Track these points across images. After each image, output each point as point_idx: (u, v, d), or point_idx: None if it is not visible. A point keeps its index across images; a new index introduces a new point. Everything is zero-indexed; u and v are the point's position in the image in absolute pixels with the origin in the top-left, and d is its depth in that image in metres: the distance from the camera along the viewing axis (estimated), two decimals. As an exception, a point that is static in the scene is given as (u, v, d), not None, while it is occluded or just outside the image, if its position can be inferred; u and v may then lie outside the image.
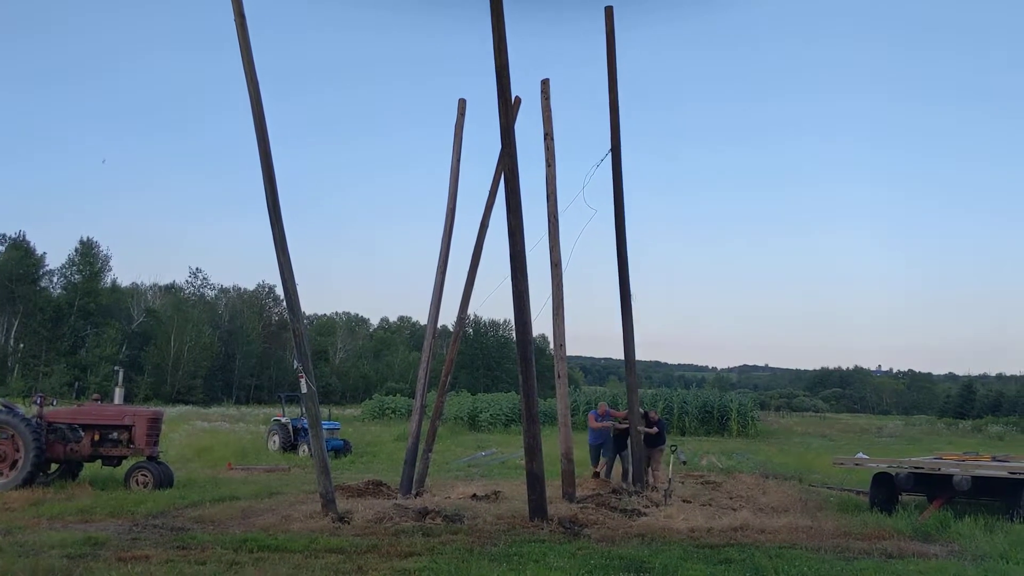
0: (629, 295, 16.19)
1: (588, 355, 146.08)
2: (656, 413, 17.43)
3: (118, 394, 17.94)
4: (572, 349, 17.58)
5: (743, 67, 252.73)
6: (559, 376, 15.00)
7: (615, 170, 16.07)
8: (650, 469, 16.59)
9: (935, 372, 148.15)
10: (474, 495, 14.66)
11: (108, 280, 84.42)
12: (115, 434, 16.43)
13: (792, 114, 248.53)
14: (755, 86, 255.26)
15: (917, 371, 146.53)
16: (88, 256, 79.84)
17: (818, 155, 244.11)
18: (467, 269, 16.66)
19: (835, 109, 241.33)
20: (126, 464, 16.63)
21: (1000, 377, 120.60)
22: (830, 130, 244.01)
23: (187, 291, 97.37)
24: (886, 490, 14.27)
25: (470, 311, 17.74)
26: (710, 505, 14.51)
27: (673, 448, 17.92)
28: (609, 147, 16.18)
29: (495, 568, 8.43)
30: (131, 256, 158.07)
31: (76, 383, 62.67)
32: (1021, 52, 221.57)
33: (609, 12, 15.91)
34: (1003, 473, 13.23)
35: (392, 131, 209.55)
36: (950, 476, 13.28)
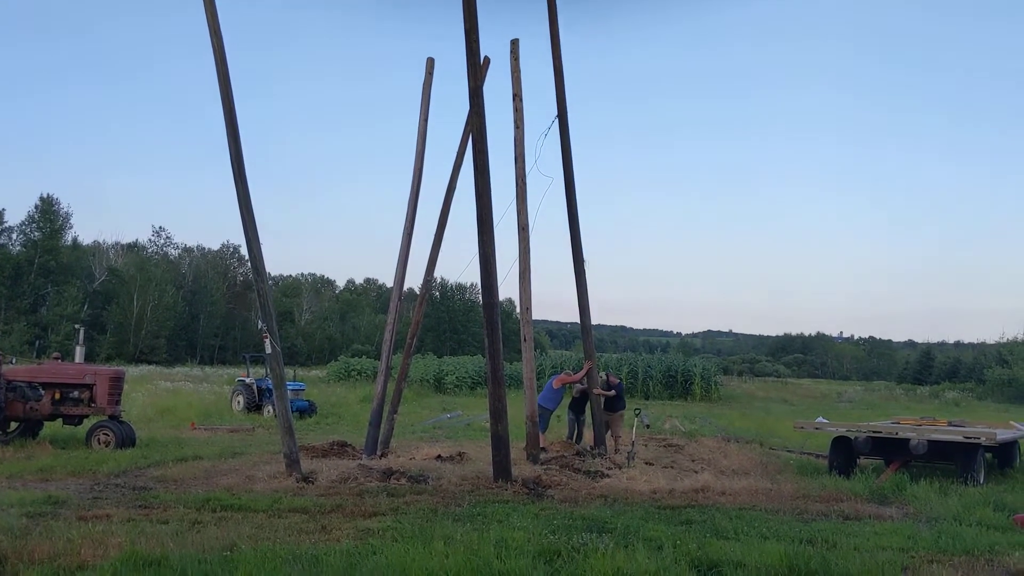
0: (582, 260, 16.19)
1: (555, 319, 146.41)
2: (616, 377, 17.37)
3: (79, 353, 17.75)
4: (539, 313, 17.59)
5: (717, 26, 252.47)
6: (525, 340, 15.02)
7: (563, 137, 15.97)
8: (610, 433, 16.63)
9: (895, 339, 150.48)
10: (439, 456, 14.72)
11: (69, 238, 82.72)
12: (76, 393, 16.28)
13: (761, 105, 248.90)
14: (732, 82, 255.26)
15: (877, 338, 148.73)
16: (48, 213, 78.22)
17: (787, 120, 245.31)
18: (434, 231, 16.59)
19: (802, 102, 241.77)
20: (87, 423, 16.50)
21: (958, 344, 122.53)
22: (798, 123, 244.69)
23: (150, 250, 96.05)
24: (845, 454, 14.53)
25: (437, 274, 17.70)
26: (672, 467, 14.69)
27: (637, 412, 18.09)
28: (556, 114, 16.05)
29: (459, 528, 8.47)
30: (93, 214, 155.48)
31: (37, 342, 61.90)
32: (988, 24, 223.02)
33: None
34: (958, 438, 13.52)
35: (360, 88, 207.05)
36: (907, 440, 13.55)
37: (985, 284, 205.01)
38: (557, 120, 15.95)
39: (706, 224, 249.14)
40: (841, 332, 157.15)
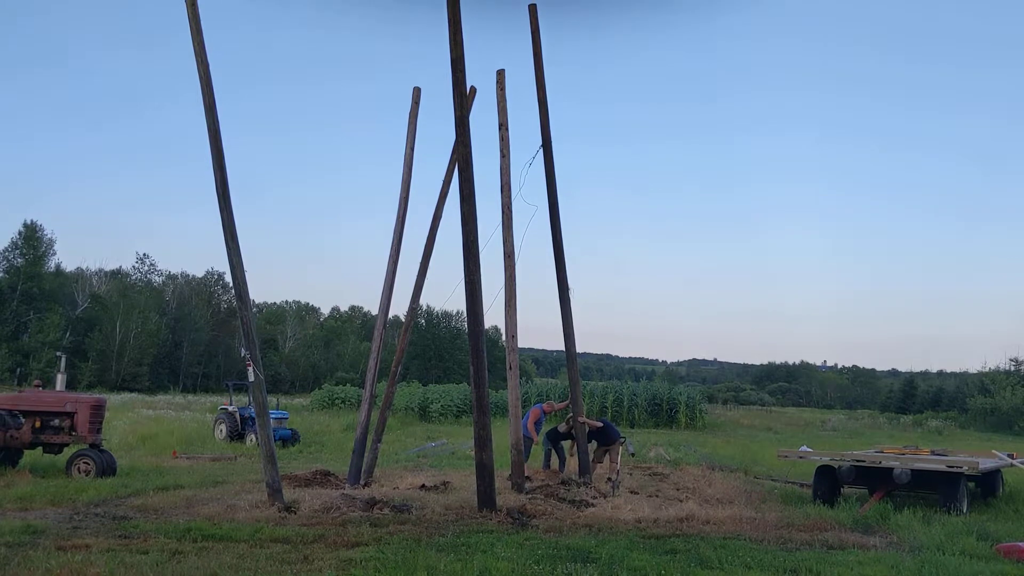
0: (567, 288, 16.24)
1: (541, 347, 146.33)
2: (595, 420, 17.28)
3: (60, 380, 17.60)
4: (525, 341, 17.55)
5: (697, 65, 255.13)
6: (511, 368, 15.01)
7: (547, 165, 16.08)
8: (608, 458, 16.70)
9: (878, 368, 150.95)
10: (423, 485, 14.65)
11: (52, 264, 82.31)
12: (57, 421, 16.15)
13: (742, 111, 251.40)
14: (707, 84, 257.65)
15: (861, 367, 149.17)
16: (32, 240, 77.81)
17: (768, 151, 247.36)
18: (419, 259, 16.61)
19: (784, 106, 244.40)
20: (68, 452, 16.35)
21: (940, 374, 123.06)
22: (780, 127, 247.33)
23: (134, 277, 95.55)
24: (828, 483, 14.53)
25: (422, 301, 17.69)
26: (657, 496, 14.66)
27: (622, 440, 18.07)
28: (540, 144, 16.16)
29: (442, 558, 8.42)
30: (77, 241, 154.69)
31: (18, 369, 61.29)
32: (970, 50, 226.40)
33: (533, 10, 15.77)
34: (941, 467, 13.56)
35: (347, 118, 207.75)
36: (890, 469, 13.58)
37: (968, 313, 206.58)
38: (542, 149, 16.06)
39: (692, 253, 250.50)
40: (825, 361, 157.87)
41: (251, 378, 12.62)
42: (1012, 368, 66.99)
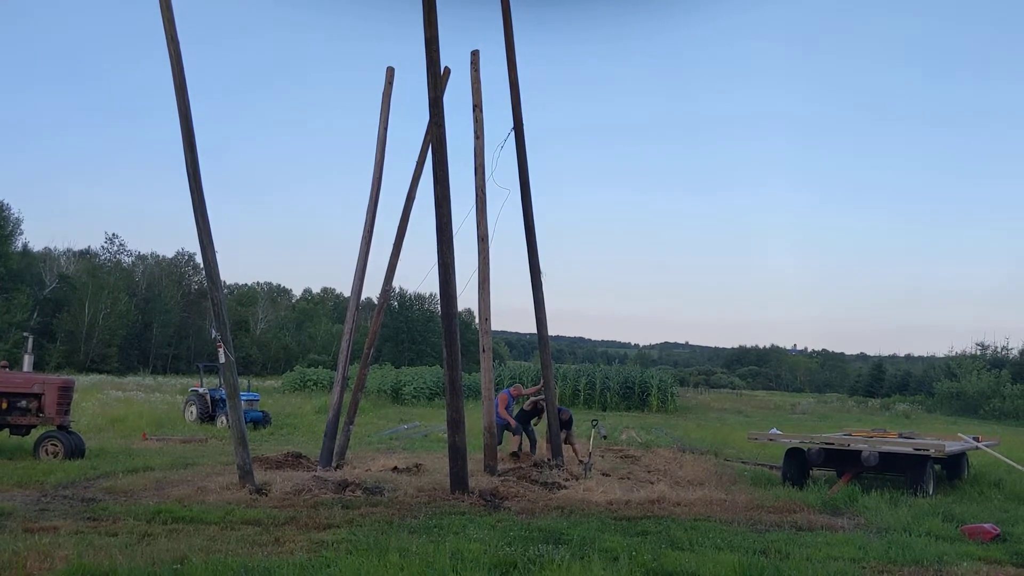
0: (539, 271, 16.23)
1: (514, 330, 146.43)
2: (567, 412, 17.44)
3: (27, 361, 17.36)
4: (498, 324, 17.60)
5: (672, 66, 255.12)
6: (484, 350, 15.01)
7: (519, 149, 16.01)
8: (568, 445, 16.80)
9: (847, 352, 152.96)
10: (395, 468, 14.63)
11: (19, 244, 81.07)
12: (24, 402, 15.96)
13: (719, 118, 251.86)
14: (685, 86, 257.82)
15: (830, 351, 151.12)
16: (-3, 218, 76.76)
17: (743, 134, 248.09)
18: (393, 240, 16.53)
19: (759, 112, 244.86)
20: (35, 433, 16.17)
21: (908, 358, 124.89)
22: (756, 113, 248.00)
23: (103, 257, 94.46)
24: (798, 465, 14.68)
25: (396, 283, 17.63)
26: (628, 478, 14.74)
27: (594, 423, 18.18)
28: (512, 125, 16.09)
29: (414, 540, 8.41)
30: (44, 220, 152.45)
31: (-16, 350, 60.46)
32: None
33: None
34: (908, 449, 13.72)
35: (320, 99, 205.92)
36: (859, 452, 13.72)
37: (935, 300, 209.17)
38: (513, 132, 15.99)
39: (664, 237, 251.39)
40: (795, 345, 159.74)
41: (222, 360, 12.52)
42: (978, 353, 68.11)
